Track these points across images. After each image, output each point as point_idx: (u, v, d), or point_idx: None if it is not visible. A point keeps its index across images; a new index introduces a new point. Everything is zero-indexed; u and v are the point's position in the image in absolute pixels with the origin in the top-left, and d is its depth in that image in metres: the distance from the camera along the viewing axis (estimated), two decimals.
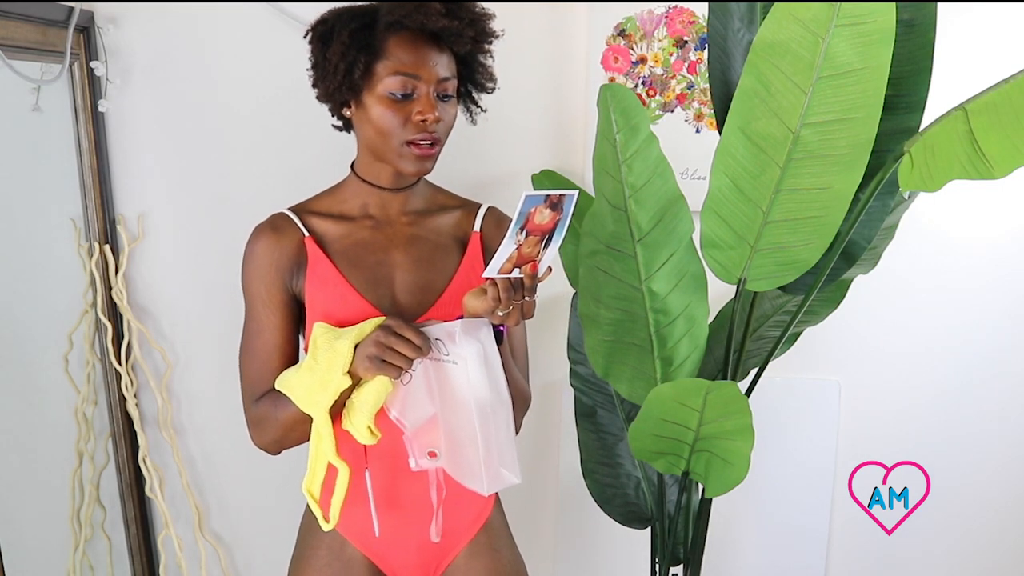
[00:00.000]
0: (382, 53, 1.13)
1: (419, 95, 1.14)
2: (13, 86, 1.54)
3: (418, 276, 1.23)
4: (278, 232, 1.24)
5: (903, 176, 1.36)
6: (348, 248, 1.23)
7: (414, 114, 1.14)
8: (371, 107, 1.15)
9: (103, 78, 1.70)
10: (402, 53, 1.13)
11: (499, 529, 1.34)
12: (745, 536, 2.09)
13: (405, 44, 1.13)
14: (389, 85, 1.13)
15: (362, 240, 1.24)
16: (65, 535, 1.79)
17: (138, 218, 1.81)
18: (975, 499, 2.05)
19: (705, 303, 1.56)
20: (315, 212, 1.26)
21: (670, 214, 1.51)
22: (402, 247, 1.25)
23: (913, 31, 1.41)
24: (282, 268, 1.22)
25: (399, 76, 1.13)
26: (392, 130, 1.15)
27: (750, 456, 1.48)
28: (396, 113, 1.14)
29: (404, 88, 1.13)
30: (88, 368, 1.81)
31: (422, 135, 1.15)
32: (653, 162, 1.49)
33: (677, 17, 1.81)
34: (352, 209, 1.26)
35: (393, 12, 1.12)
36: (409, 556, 1.26)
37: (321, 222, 1.25)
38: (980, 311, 1.96)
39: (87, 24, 1.67)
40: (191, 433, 1.92)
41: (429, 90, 1.14)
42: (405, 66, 1.13)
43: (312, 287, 1.21)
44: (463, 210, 1.32)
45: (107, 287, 1.77)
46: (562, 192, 1.04)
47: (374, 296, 1.21)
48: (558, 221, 1.04)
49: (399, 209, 1.26)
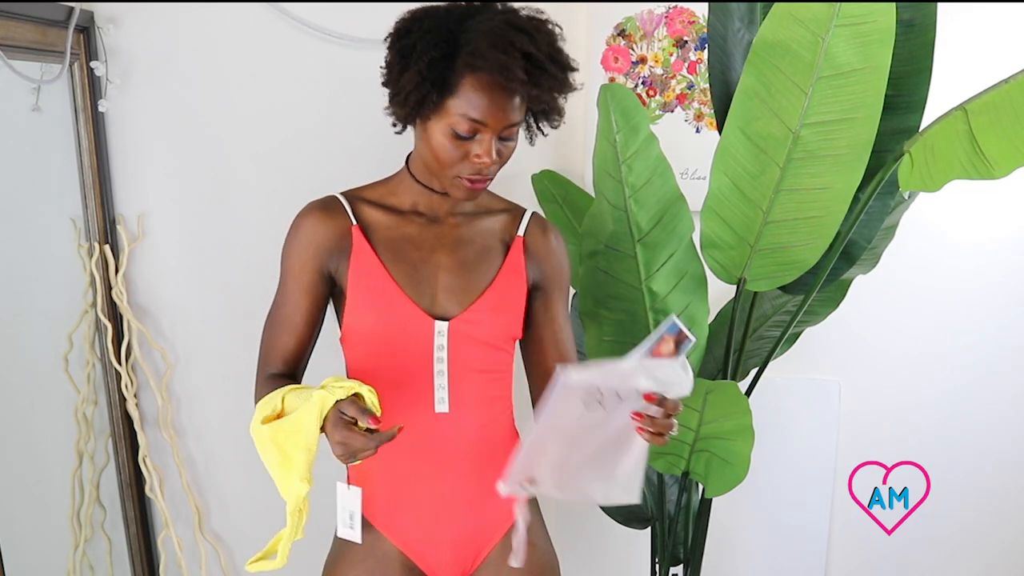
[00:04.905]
0: (455, 90, 1.10)
1: (482, 138, 1.13)
2: (13, 86, 1.53)
3: (461, 278, 1.24)
4: (327, 214, 1.23)
5: (903, 176, 1.36)
6: (394, 241, 1.23)
7: (473, 155, 1.13)
8: (433, 133, 1.14)
9: (103, 78, 1.70)
10: (475, 97, 1.10)
11: (534, 523, 1.33)
12: (745, 536, 2.09)
13: (480, 89, 1.10)
14: (455, 123, 1.11)
15: (408, 235, 1.24)
16: (65, 535, 1.79)
17: (138, 218, 1.81)
18: (975, 499, 2.05)
19: (705, 303, 1.56)
20: (366, 200, 1.26)
21: (670, 214, 1.51)
22: (448, 248, 1.25)
23: (913, 31, 1.41)
24: (322, 250, 1.22)
25: (466, 120, 1.11)
26: (449, 163, 1.14)
27: (750, 456, 1.48)
28: (456, 148, 1.13)
29: (469, 131, 1.12)
30: (88, 368, 1.81)
31: (477, 174, 1.15)
32: (653, 162, 1.49)
33: (677, 17, 1.81)
34: (402, 203, 1.26)
35: (476, 56, 1.08)
36: (445, 552, 1.26)
37: (370, 211, 1.25)
38: (980, 311, 1.96)
39: (87, 24, 1.67)
40: (191, 433, 1.92)
41: (492, 136, 1.12)
42: (475, 111, 1.10)
43: (355, 276, 1.22)
44: (509, 214, 1.32)
45: (107, 287, 1.77)
46: (689, 335, 1.03)
47: (415, 293, 1.21)
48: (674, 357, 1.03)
49: (448, 210, 1.26)
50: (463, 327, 1.21)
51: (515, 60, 1.07)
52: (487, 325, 1.23)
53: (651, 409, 1.03)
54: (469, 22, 1.10)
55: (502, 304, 1.25)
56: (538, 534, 1.33)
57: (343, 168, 1.69)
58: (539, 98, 1.13)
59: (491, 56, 1.07)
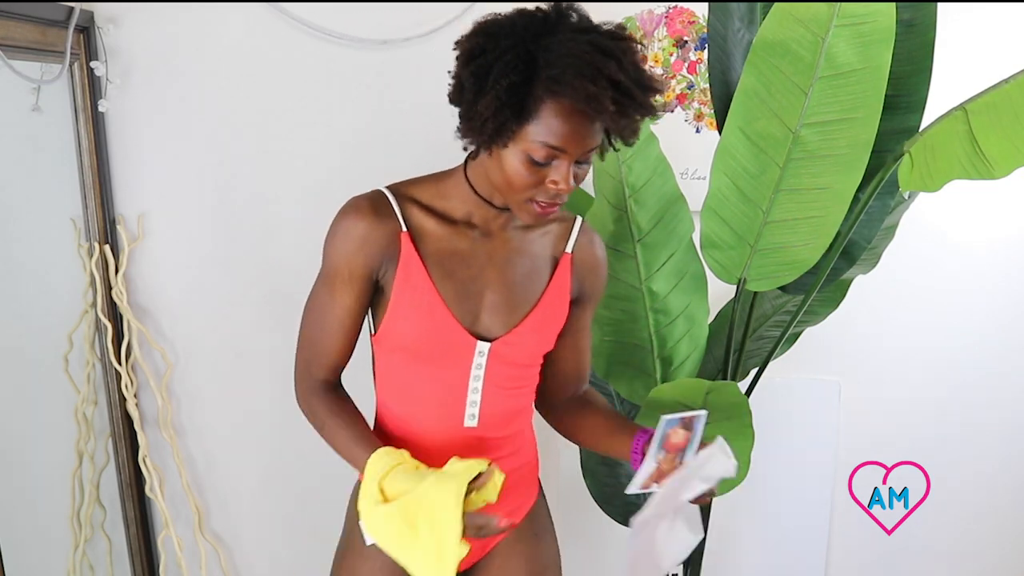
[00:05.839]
0: (534, 115, 1.03)
1: (559, 164, 1.06)
2: (13, 86, 1.53)
3: (506, 297, 1.20)
4: (377, 217, 1.15)
5: (903, 176, 1.36)
6: (444, 254, 1.17)
7: (548, 181, 1.07)
8: (507, 158, 1.07)
9: (103, 78, 1.70)
10: (555, 123, 1.03)
11: (542, 517, 1.33)
12: (745, 536, 2.09)
13: (561, 116, 1.02)
14: (532, 149, 1.04)
15: (459, 250, 1.18)
16: (65, 535, 1.79)
17: (138, 218, 1.81)
18: (975, 499, 2.05)
19: (705, 303, 1.56)
20: (416, 201, 1.18)
21: (670, 214, 1.52)
22: (499, 265, 1.20)
23: (913, 31, 1.41)
24: (372, 254, 1.15)
25: (545, 147, 1.04)
26: (522, 188, 1.08)
27: (750, 456, 1.48)
28: (531, 175, 1.06)
29: (547, 158, 1.05)
30: (88, 368, 1.81)
31: (551, 200, 1.09)
32: (653, 162, 1.49)
33: (677, 17, 1.81)
34: (455, 210, 1.18)
35: (559, 83, 1.01)
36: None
37: (421, 215, 1.17)
38: (980, 311, 1.97)
39: (87, 24, 1.67)
40: (191, 433, 1.92)
41: (570, 163, 1.06)
42: (553, 139, 1.03)
43: (401, 284, 1.16)
44: (560, 224, 1.26)
45: (107, 287, 1.77)
46: (695, 414, 1.12)
47: (459, 311, 1.17)
48: (689, 439, 1.13)
49: (503, 224, 1.20)
50: (504, 349, 1.18)
51: (604, 90, 1.00)
52: (528, 346, 1.21)
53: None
54: (548, 40, 1.03)
55: (544, 324, 1.22)
56: (545, 531, 1.33)
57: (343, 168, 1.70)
58: (623, 124, 1.06)
59: (578, 85, 1.00)
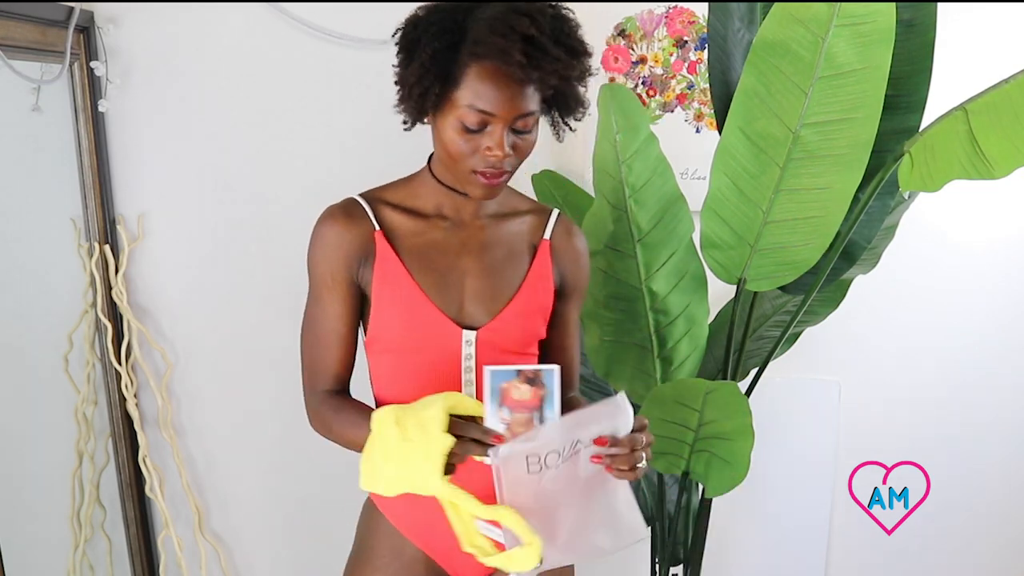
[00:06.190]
0: (460, 82, 1.06)
1: (492, 130, 1.07)
2: (13, 86, 1.53)
3: (488, 284, 1.21)
4: (350, 219, 1.18)
5: (903, 176, 1.36)
6: (419, 248, 1.20)
7: (483, 148, 1.08)
8: (444, 129, 1.10)
9: (103, 78, 1.70)
10: (481, 87, 1.05)
11: None
12: (745, 536, 2.09)
13: (485, 78, 1.05)
14: (463, 115, 1.07)
15: (434, 241, 1.20)
16: (65, 535, 1.79)
17: (138, 218, 1.81)
18: (975, 499, 2.05)
19: (705, 303, 1.56)
20: (388, 203, 1.21)
21: (670, 214, 1.52)
22: (475, 252, 1.21)
23: (913, 31, 1.41)
24: (350, 256, 1.18)
25: (473, 111, 1.06)
26: (461, 158, 1.10)
27: (750, 456, 1.48)
28: (467, 142, 1.09)
29: (478, 124, 1.07)
30: (88, 368, 1.81)
31: (490, 169, 1.11)
32: (653, 162, 1.49)
33: (677, 17, 1.81)
34: (426, 206, 1.21)
35: (477, 44, 1.04)
36: (471, 555, 1.24)
37: (393, 214, 1.20)
38: (980, 311, 1.96)
39: (87, 24, 1.67)
40: (191, 433, 1.92)
41: (503, 127, 1.07)
42: (481, 102, 1.06)
43: (379, 283, 1.18)
44: (535, 215, 1.28)
45: (107, 287, 1.77)
46: (537, 367, 1.02)
47: (442, 301, 1.18)
48: (543, 397, 1.02)
49: (474, 212, 1.22)
50: (491, 336, 1.19)
51: (513, 43, 1.02)
52: (515, 332, 1.21)
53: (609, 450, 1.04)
54: (476, 12, 1.07)
55: (529, 310, 1.22)
56: None
57: (343, 168, 1.70)
58: (545, 82, 1.07)
59: (491, 42, 1.03)
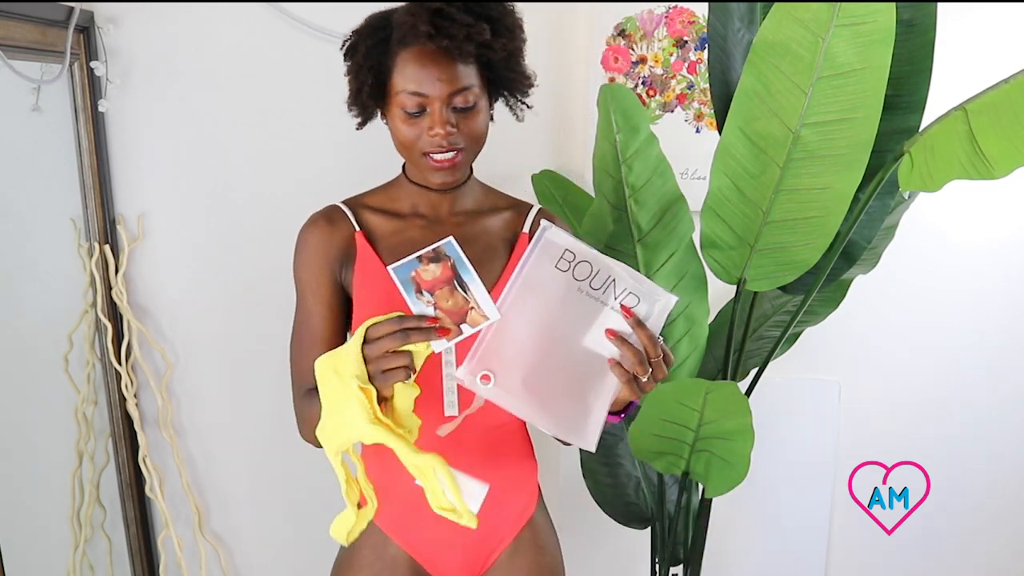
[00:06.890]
0: (393, 70, 1.13)
1: (431, 111, 1.12)
2: (13, 86, 1.53)
3: None
4: (331, 223, 1.23)
5: (903, 176, 1.36)
6: (397, 246, 1.22)
7: (427, 130, 1.13)
8: (392, 120, 1.16)
9: (103, 78, 1.70)
10: (409, 69, 1.11)
11: (543, 526, 1.33)
12: (745, 536, 2.09)
13: (412, 60, 1.11)
14: (402, 102, 1.12)
15: (412, 239, 1.23)
16: (65, 535, 1.79)
17: (138, 218, 1.81)
18: (975, 499, 2.05)
19: (705, 303, 1.56)
20: (368, 206, 1.26)
21: (670, 214, 1.52)
22: None
23: (913, 31, 1.41)
24: (332, 259, 1.22)
25: (408, 95, 1.12)
26: (410, 144, 1.15)
27: (750, 456, 1.48)
28: (411, 128, 1.14)
29: (416, 106, 1.12)
30: (88, 368, 1.81)
31: (438, 149, 1.14)
32: (653, 162, 1.49)
33: (677, 17, 1.81)
34: (403, 207, 1.26)
35: (398, 29, 1.11)
36: (455, 556, 1.25)
37: (373, 217, 1.25)
38: (980, 311, 1.97)
39: (87, 24, 1.67)
40: (191, 433, 1.92)
41: (440, 106, 1.12)
42: (412, 84, 1.11)
43: (360, 282, 1.21)
44: (514, 211, 1.30)
45: (107, 287, 1.77)
46: (434, 245, 1.03)
47: None
48: (453, 266, 1.04)
49: (449, 209, 1.25)
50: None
51: (419, 14, 1.08)
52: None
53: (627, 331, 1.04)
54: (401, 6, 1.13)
55: None
56: (547, 536, 1.32)
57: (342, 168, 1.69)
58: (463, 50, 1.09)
59: (405, 22, 1.09)
